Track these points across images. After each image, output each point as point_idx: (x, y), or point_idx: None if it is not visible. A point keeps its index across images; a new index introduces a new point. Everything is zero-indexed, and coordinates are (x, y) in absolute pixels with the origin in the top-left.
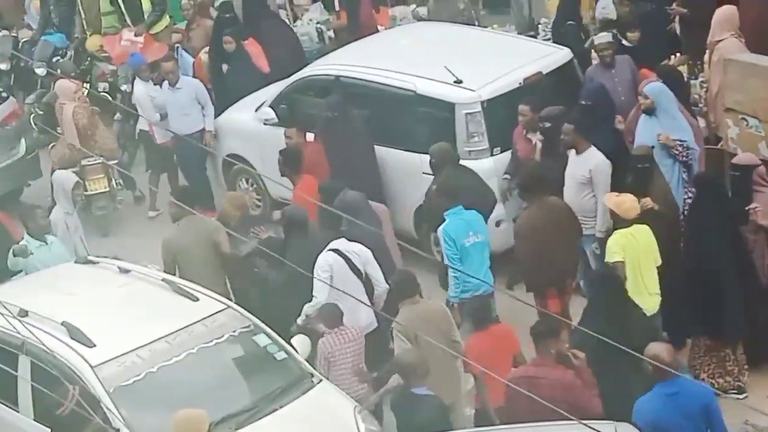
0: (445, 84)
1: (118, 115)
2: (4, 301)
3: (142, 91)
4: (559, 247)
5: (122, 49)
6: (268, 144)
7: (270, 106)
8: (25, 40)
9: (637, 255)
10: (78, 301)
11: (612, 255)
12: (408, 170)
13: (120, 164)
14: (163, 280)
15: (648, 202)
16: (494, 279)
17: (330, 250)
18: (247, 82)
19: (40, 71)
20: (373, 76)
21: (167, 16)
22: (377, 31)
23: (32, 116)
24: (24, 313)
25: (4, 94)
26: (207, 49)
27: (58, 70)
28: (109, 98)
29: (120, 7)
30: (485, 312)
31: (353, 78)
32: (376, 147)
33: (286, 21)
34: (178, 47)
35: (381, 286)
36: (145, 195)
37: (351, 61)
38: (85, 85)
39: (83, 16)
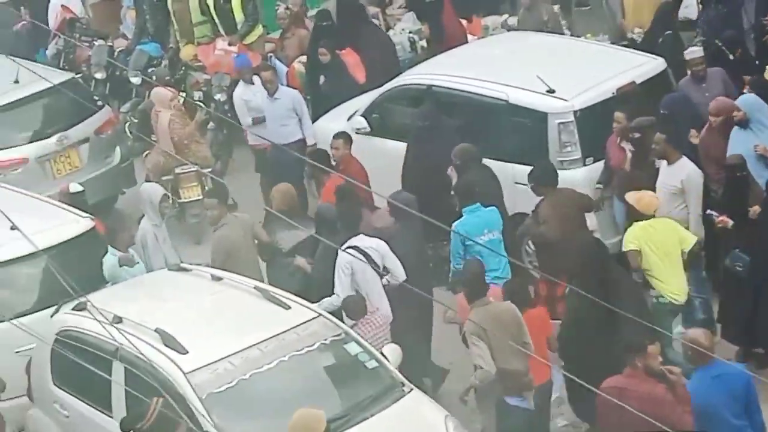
0: (538, 93)
1: (211, 124)
2: (99, 307)
3: (238, 93)
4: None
5: (216, 59)
6: (359, 153)
7: (362, 116)
8: (120, 49)
9: (657, 245)
10: (171, 308)
11: (627, 244)
12: (502, 179)
13: (213, 172)
14: (255, 287)
15: (757, 209)
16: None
17: (349, 247)
18: (342, 92)
19: (135, 80)
20: (465, 86)
21: (260, 26)
22: (466, 40)
23: (127, 124)
24: (118, 320)
25: (99, 103)
26: (301, 58)
27: (153, 79)
28: (203, 106)
29: (213, 17)
30: (523, 295)
31: (445, 87)
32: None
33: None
34: (271, 56)
35: (400, 277)
36: (237, 203)
37: (443, 71)
38: (180, 93)
39: (176, 26)
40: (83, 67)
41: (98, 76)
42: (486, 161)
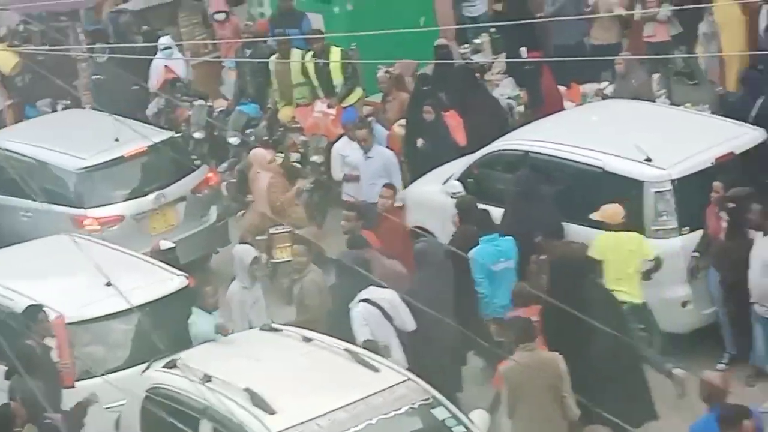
0: (635, 162)
1: (307, 185)
2: (190, 365)
3: (338, 147)
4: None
5: (314, 120)
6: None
7: (458, 179)
8: (220, 109)
9: (621, 257)
10: (261, 368)
11: (593, 251)
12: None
13: (307, 233)
14: (345, 349)
15: None
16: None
17: (361, 301)
18: (440, 154)
19: (234, 140)
20: (562, 152)
21: (359, 89)
22: (563, 107)
23: (224, 184)
24: (207, 378)
25: (197, 162)
26: (402, 121)
27: (252, 139)
28: (300, 167)
29: (312, 79)
30: (528, 332)
31: (542, 153)
32: (563, 223)
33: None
34: (371, 119)
35: (408, 326)
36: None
37: (540, 137)
38: (278, 154)
39: (276, 87)
40: (183, 126)
41: (197, 135)
42: (580, 228)
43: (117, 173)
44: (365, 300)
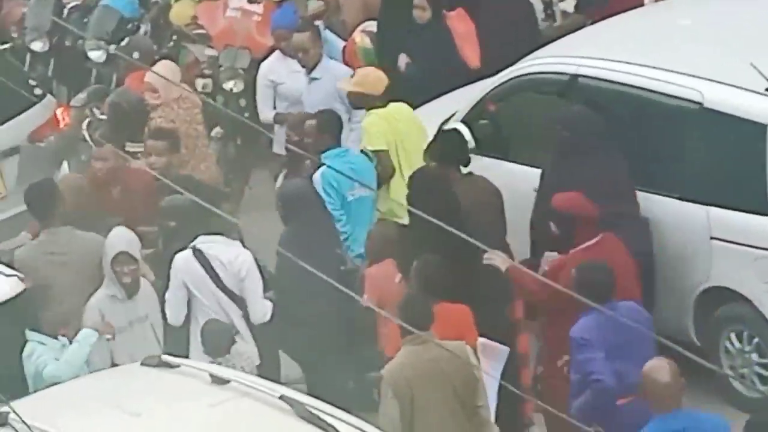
0: (750, 92)
1: (217, 129)
2: (29, 423)
3: (265, 70)
4: None
5: (228, 24)
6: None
7: (463, 121)
8: (73, 5)
9: (399, 139)
10: (141, 426)
11: (373, 140)
12: (689, 231)
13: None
14: (282, 397)
15: None
16: None
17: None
18: (437, 80)
19: (96, 55)
20: (633, 77)
21: None
22: (641, 3)
23: (86, 123)
24: None
25: (37, 91)
26: (367, 25)
27: (131, 53)
28: (210, 102)
29: None
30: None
31: (601, 79)
32: (637, 192)
33: None
34: (318, 24)
35: (258, 316)
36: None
37: (597, 53)
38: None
39: None
40: (13, 32)
41: (36, 47)
42: (665, 201)
43: None
44: (196, 250)
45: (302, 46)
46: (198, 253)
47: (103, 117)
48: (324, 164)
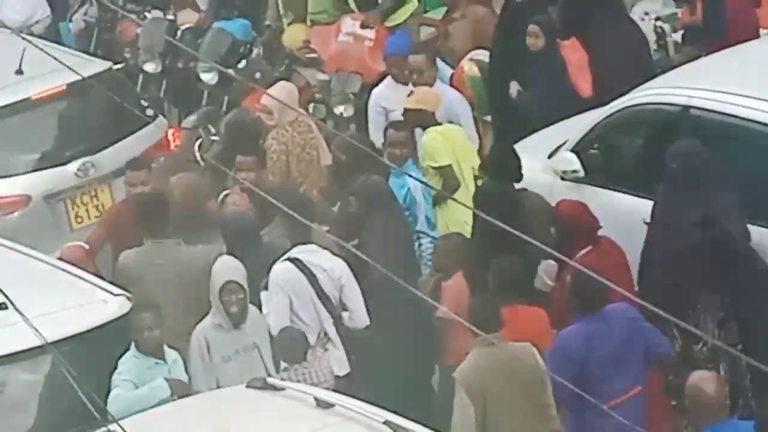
0: None
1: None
2: None
3: (377, 97)
4: None
5: (340, 49)
6: None
7: (573, 150)
8: (187, 27)
9: (457, 158)
10: None
11: (437, 156)
12: None
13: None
14: (385, 422)
15: None
16: None
17: (289, 259)
18: (548, 108)
19: (208, 77)
20: (746, 110)
21: (414, 0)
22: (757, 35)
23: (197, 145)
24: None
25: (149, 112)
26: (476, 53)
27: (257, 75)
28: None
29: None
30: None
31: (715, 111)
32: (750, 227)
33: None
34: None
35: (359, 322)
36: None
37: (712, 84)
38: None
39: None
40: (126, 52)
41: (149, 68)
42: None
43: (18, 126)
44: (294, 260)
45: (418, 67)
46: (298, 262)
47: (215, 138)
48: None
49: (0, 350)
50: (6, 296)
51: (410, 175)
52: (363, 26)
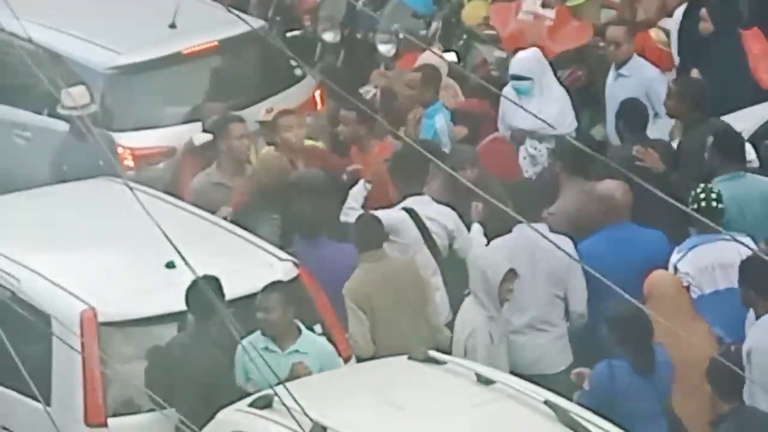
0: None
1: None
2: (290, 407)
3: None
4: None
5: (518, 27)
6: None
7: (749, 141)
8: None
9: None
10: (406, 419)
11: None
12: None
13: None
14: (545, 402)
15: None
16: None
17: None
18: (726, 95)
19: (386, 48)
20: None
21: None
22: None
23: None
24: (321, 430)
25: (298, 71)
26: (660, 22)
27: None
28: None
29: None
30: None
31: None
32: None
33: None
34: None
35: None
36: None
37: None
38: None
39: None
40: (306, 20)
41: (328, 37)
42: None
43: (168, 79)
44: (409, 210)
45: (616, 39)
46: (411, 213)
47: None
48: None
49: (168, 308)
50: (183, 257)
51: None
52: (544, 5)
